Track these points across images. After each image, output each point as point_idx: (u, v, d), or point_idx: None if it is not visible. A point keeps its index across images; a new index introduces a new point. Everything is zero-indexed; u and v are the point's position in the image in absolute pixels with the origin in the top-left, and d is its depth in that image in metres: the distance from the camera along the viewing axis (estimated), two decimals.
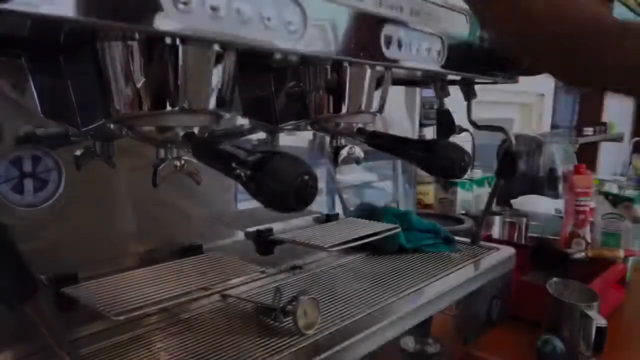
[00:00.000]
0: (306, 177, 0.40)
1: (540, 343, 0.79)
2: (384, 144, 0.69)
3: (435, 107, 0.90)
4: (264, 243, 0.75)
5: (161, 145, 0.53)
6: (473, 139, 2.02)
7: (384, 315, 0.64)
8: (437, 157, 0.61)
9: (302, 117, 0.71)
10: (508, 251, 0.92)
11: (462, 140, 2.21)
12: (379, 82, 0.70)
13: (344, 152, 0.73)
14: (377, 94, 0.70)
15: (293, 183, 0.39)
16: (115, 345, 0.55)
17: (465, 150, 0.61)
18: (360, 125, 0.72)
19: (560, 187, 2.20)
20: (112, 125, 0.52)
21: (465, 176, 1.60)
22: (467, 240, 0.98)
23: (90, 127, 0.52)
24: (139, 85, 0.47)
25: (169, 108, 0.49)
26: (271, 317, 0.62)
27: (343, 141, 0.75)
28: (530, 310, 0.95)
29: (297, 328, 0.58)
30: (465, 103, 0.94)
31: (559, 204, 1.89)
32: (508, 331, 0.95)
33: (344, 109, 0.68)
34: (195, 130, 0.52)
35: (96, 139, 0.62)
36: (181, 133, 0.50)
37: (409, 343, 0.79)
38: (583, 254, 1.12)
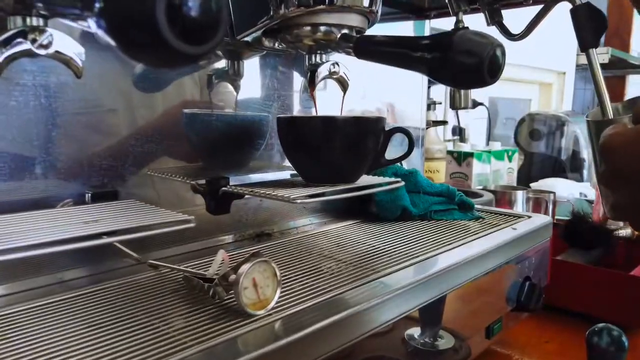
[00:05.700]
0: None
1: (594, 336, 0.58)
2: (380, 52, 0.49)
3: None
4: (216, 197, 0.55)
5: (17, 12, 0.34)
6: (489, 112, 1.81)
7: (372, 292, 0.44)
8: (455, 54, 0.40)
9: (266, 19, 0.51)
10: (542, 219, 0.71)
11: (477, 116, 1.97)
12: None
13: (323, 70, 0.54)
14: None
15: None
16: None
17: (497, 40, 0.41)
18: (345, 30, 0.52)
19: (585, 170, 2.00)
20: None
21: (482, 148, 1.39)
22: (490, 208, 0.77)
23: None
24: None
25: None
26: (209, 292, 0.42)
27: (324, 57, 0.55)
28: (569, 298, 0.75)
29: (240, 306, 0.38)
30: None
31: (584, 187, 1.70)
32: (541, 322, 0.75)
33: (322, 2, 0.48)
34: None
35: None
36: None
37: (415, 335, 0.59)
38: (629, 230, 0.91)
